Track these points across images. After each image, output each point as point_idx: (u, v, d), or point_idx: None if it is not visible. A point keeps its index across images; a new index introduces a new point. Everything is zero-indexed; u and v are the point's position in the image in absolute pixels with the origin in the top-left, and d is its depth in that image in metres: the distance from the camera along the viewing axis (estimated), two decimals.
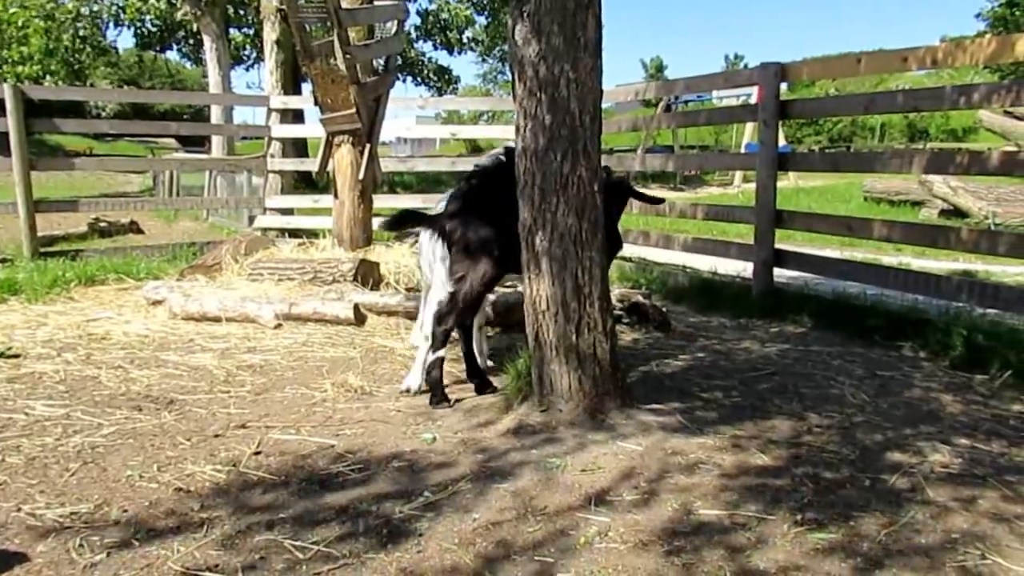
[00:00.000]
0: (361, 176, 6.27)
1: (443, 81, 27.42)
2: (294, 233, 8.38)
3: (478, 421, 3.31)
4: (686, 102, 21.87)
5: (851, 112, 6.62)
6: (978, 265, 8.45)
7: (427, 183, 17.39)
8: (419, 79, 27.85)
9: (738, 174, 19.62)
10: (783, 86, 5.43)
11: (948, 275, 4.84)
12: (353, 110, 6.06)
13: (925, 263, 8.25)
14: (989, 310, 4.61)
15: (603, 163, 3.27)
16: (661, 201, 5.03)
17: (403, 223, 3.81)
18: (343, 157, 6.41)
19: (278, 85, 9.65)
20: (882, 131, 30.40)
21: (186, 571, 2.18)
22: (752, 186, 5.66)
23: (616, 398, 3.22)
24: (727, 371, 4.10)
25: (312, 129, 8.46)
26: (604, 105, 3.24)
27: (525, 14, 2.96)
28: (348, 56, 5.75)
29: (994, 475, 2.75)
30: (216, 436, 3.22)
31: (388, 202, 8.70)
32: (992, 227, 10.60)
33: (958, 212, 12.10)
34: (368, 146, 6.27)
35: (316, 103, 6.32)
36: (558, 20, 2.92)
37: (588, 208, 3.06)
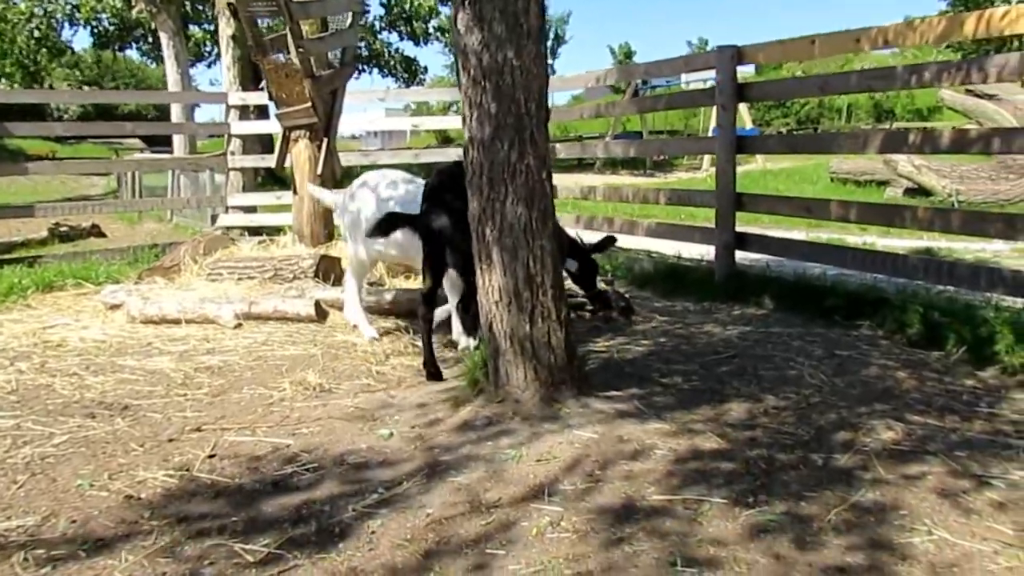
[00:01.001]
0: (319, 171, 6.20)
1: (409, 72, 27.24)
2: (258, 231, 8.30)
3: (435, 415, 3.29)
4: (655, 87, 21.92)
5: (807, 94, 6.65)
6: (941, 243, 8.55)
7: None
8: (385, 71, 27.66)
9: (707, 158, 19.66)
10: (750, 69, 5.45)
11: (906, 254, 4.87)
12: (308, 104, 5.99)
13: (889, 242, 8.33)
14: (948, 287, 4.66)
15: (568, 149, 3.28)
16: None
17: (391, 227, 4.02)
18: (301, 152, 6.34)
19: (236, 81, 9.52)
20: (849, 112, 30.66)
21: None
22: None
23: (572, 387, 3.21)
24: (688, 355, 4.11)
25: (274, 125, 8.36)
26: (574, 92, 3.24)
27: (467, 2, 2.92)
28: (301, 50, 5.68)
29: (944, 451, 2.78)
30: (170, 441, 3.17)
31: None
32: (955, 204, 10.73)
33: (923, 191, 12.23)
34: (326, 140, 6.21)
35: (271, 98, 6.24)
36: (499, 7, 2.89)
37: (537, 197, 3.05)
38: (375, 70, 31.59)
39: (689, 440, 2.92)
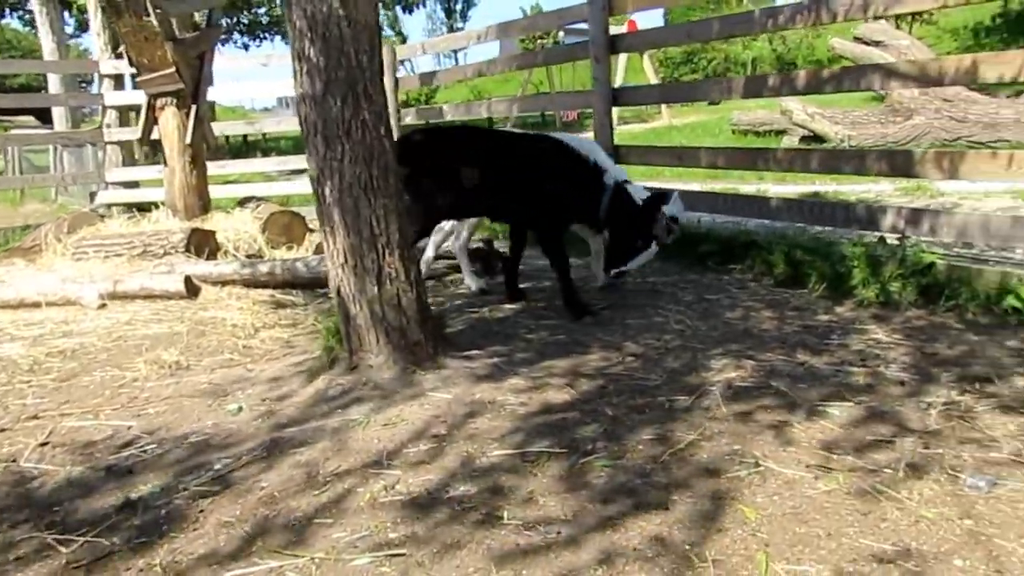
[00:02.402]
0: (189, 140, 5.93)
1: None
2: (142, 207, 7.93)
3: (289, 387, 3.18)
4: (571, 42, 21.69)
5: (676, 42, 6.71)
6: (831, 186, 8.76)
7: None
8: (287, 37, 26.75)
9: (664, 108, 19.26)
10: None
11: (770, 197, 4.94)
12: (172, 69, 5.70)
13: (783, 188, 8.49)
14: (820, 228, 4.75)
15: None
16: None
17: None
18: (168, 121, 6.04)
19: (107, 48, 8.99)
20: (754, 66, 31.11)
21: None
22: (635, 126, 5.63)
23: (428, 348, 3.14)
24: (560, 310, 4.08)
25: None
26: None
27: None
28: (159, 11, 5.38)
29: (786, 385, 2.82)
30: (1, 431, 2.99)
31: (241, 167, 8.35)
32: (847, 148, 10.99)
33: (817, 138, 12.51)
34: (194, 107, 5.92)
35: (131, 63, 5.91)
36: None
37: (376, 154, 2.93)
38: (277, 37, 30.65)
39: (541, 394, 2.89)
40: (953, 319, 3.49)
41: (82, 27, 21.89)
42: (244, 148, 21.86)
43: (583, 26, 5.55)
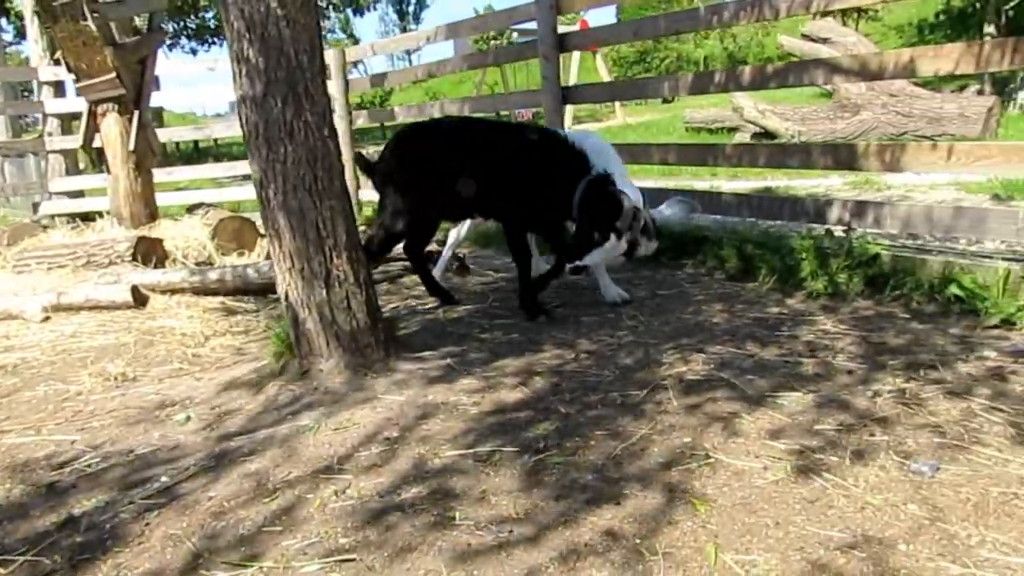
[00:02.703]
0: (132, 147, 5.80)
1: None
2: (87, 217, 7.75)
3: (238, 395, 3.12)
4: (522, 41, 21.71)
5: (622, 39, 6.74)
6: (783, 181, 8.89)
7: None
8: None
9: (618, 107, 19.21)
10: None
11: (721, 192, 4.99)
12: (113, 75, 5.57)
13: (736, 184, 8.60)
14: (771, 222, 4.81)
15: None
16: None
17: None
18: (110, 128, 5.90)
19: (46, 54, 8.77)
20: (706, 64, 31.48)
21: None
22: (590, 125, 5.62)
23: (380, 351, 3.11)
24: (515, 309, 4.07)
25: None
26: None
27: None
28: (96, 15, 5.25)
29: (736, 377, 2.84)
30: None
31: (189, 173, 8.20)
32: (784, 142, 11.18)
33: (768, 134, 12.70)
34: (137, 113, 5.80)
35: (69, 70, 5.76)
36: None
37: (320, 155, 2.90)
38: (225, 43, 30.19)
39: (494, 394, 2.87)
40: (899, 308, 3.56)
41: (20, 34, 21.32)
42: (196, 155, 21.54)
43: (533, 25, 5.55)
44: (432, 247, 5.13)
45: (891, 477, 2.07)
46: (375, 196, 7.50)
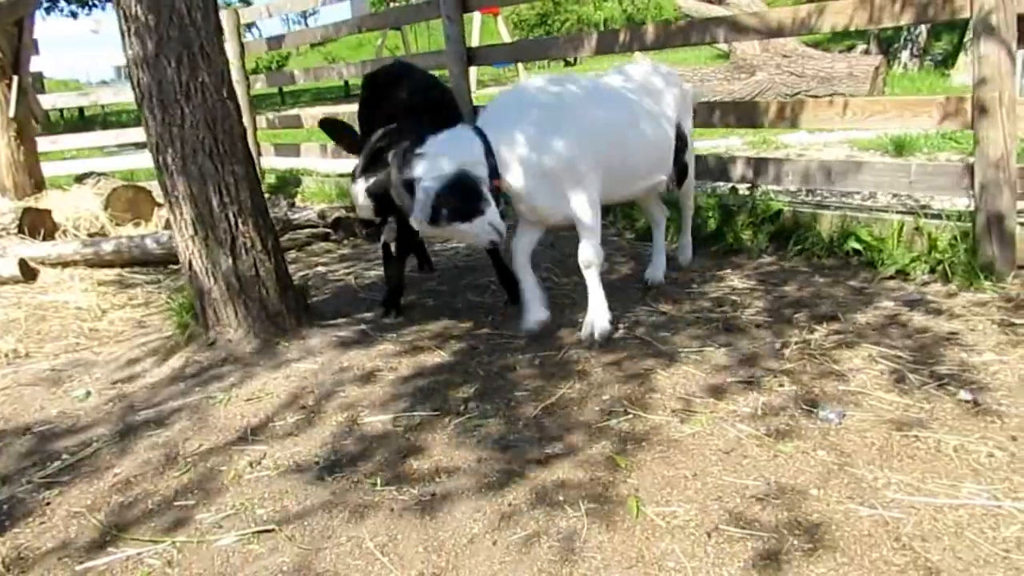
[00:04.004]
0: (12, 114, 5.43)
1: None
2: None
3: (141, 368, 2.99)
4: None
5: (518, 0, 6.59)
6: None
7: None
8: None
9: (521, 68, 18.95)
10: None
11: None
12: None
13: None
14: None
15: None
16: None
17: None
18: None
19: None
20: (606, 26, 31.67)
21: None
22: (494, 89, 5.52)
23: (291, 318, 3.03)
24: (433, 276, 4.03)
25: None
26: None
27: None
28: None
29: (651, 332, 2.90)
30: None
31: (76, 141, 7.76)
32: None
33: None
34: (16, 79, 5.42)
35: None
36: None
37: (220, 118, 2.77)
38: (108, 4, 28.52)
39: (413, 358, 2.84)
40: (802, 263, 3.68)
41: None
42: (83, 122, 20.36)
43: None
44: (341, 213, 5.04)
45: (800, 426, 2.15)
46: (277, 164, 7.36)
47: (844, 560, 1.61)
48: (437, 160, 2.61)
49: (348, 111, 6.25)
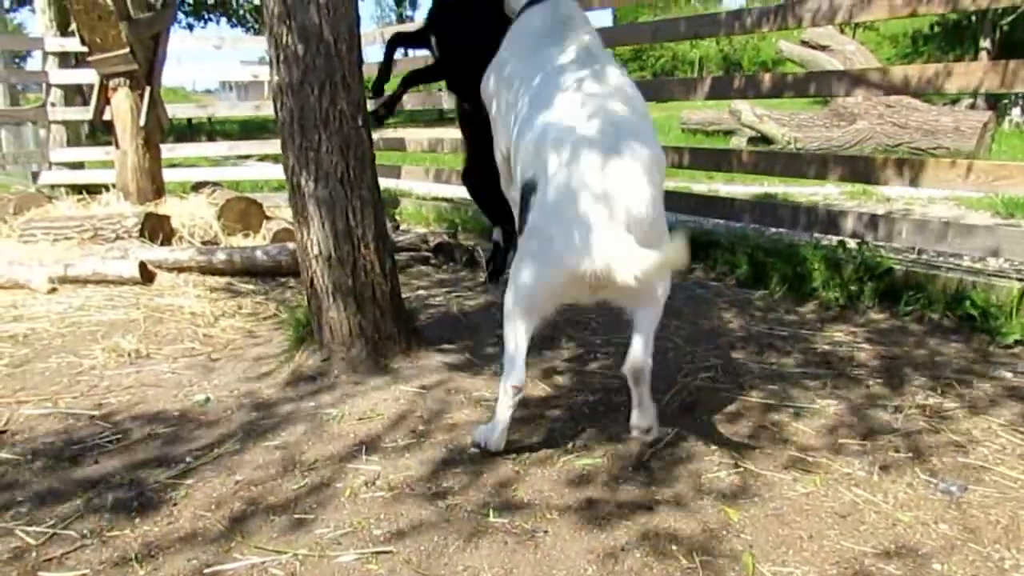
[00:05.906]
0: (143, 122, 5.76)
1: (260, 21, 25.89)
2: (88, 189, 7.67)
3: (256, 375, 3.12)
4: None
5: (641, 40, 6.72)
6: (780, 188, 8.95)
7: (254, 130, 16.42)
8: (234, 19, 26.22)
9: None
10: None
11: (738, 198, 5.02)
12: (127, 50, 5.52)
13: (732, 188, 8.65)
14: (779, 230, 4.85)
15: None
16: None
17: None
18: (121, 103, 5.85)
19: (52, 24, 8.66)
20: (701, 65, 31.61)
21: None
22: None
23: (401, 341, 3.12)
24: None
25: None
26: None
27: None
28: None
29: (759, 386, 2.87)
30: None
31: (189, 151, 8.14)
32: (795, 150, 11.26)
33: (764, 139, 12.77)
34: (148, 89, 5.75)
35: (83, 42, 5.70)
36: None
37: (354, 145, 2.89)
38: (223, 19, 29.90)
39: None
40: (912, 322, 3.60)
41: (20, 1, 21.04)
42: (188, 131, 21.31)
43: None
44: (444, 239, 5.16)
45: (919, 495, 2.11)
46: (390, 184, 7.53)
47: None
48: None
49: (450, 135, 6.42)
